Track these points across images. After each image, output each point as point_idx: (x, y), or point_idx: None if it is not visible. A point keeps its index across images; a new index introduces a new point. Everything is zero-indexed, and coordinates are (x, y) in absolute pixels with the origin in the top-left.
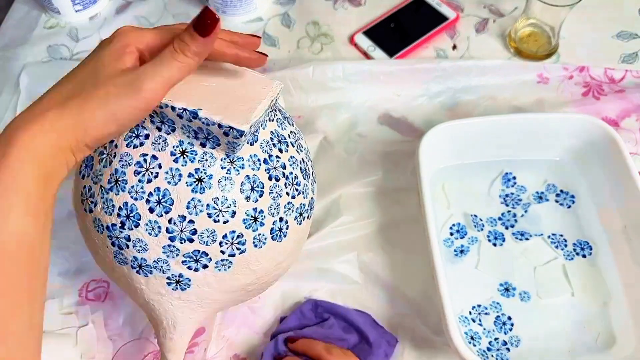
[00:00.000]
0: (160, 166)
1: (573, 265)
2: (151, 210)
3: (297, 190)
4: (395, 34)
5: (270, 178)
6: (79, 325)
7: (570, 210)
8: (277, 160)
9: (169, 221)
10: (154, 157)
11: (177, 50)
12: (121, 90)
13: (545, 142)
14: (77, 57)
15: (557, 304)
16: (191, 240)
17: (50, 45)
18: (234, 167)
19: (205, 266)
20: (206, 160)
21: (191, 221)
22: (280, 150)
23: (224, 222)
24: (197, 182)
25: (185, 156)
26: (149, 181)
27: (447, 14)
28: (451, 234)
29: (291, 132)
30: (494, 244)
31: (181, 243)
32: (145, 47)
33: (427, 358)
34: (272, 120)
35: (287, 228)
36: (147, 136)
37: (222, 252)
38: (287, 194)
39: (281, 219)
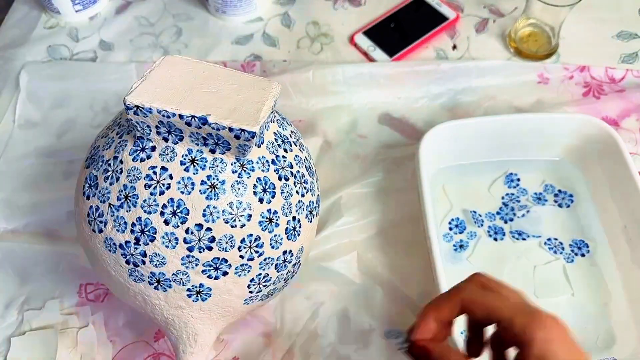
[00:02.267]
0: (171, 177)
1: (573, 266)
2: (166, 222)
3: (305, 188)
4: (395, 34)
5: (280, 178)
6: (79, 326)
7: (569, 210)
8: (284, 160)
9: (186, 231)
10: (164, 169)
11: None
12: None
13: (545, 142)
14: (77, 57)
15: (557, 304)
16: (210, 248)
17: (50, 45)
18: (245, 171)
19: (225, 273)
20: (217, 166)
21: (208, 229)
22: (285, 150)
23: (241, 226)
24: (210, 189)
25: (195, 164)
26: (162, 193)
27: (447, 14)
28: (450, 228)
29: (291, 131)
30: (495, 239)
31: (200, 252)
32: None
33: None
34: (274, 122)
35: (300, 227)
36: (153, 148)
37: (241, 256)
38: (297, 192)
39: (294, 218)
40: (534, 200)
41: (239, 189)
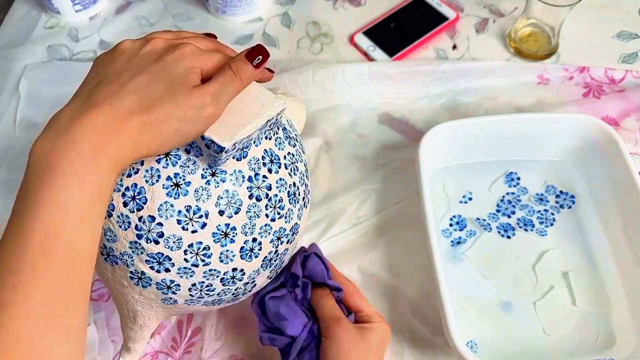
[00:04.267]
0: (142, 163)
1: (573, 266)
2: (125, 204)
3: (279, 213)
4: (395, 34)
5: (251, 197)
6: None
7: (570, 211)
8: (263, 180)
9: (139, 219)
10: None
11: (236, 74)
12: (196, 112)
13: (545, 142)
14: (77, 57)
15: (557, 304)
16: (157, 242)
17: (50, 46)
18: (214, 180)
19: (167, 270)
20: (188, 166)
21: (160, 224)
22: (270, 171)
23: (192, 232)
24: (173, 187)
25: (168, 158)
26: (129, 175)
27: (447, 14)
28: (450, 224)
29: (289, 153)
30: (495, 238)
31: (147, 243)
32: (204, 69)
33: (427, 358)
34: (270, 139)
35: (259, 250)
36: None
37: (186, 260)
38: (267, 215)
39: (254, 240)
40: (535, 200)
41: (202, 195)
